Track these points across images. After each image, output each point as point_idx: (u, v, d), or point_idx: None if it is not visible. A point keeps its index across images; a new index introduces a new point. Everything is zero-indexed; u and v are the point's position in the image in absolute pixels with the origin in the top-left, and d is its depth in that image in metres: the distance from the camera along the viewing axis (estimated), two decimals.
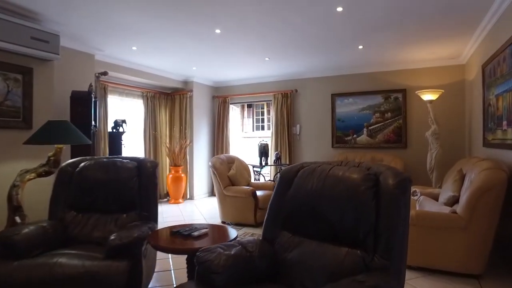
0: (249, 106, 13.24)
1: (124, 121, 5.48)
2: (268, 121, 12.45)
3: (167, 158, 7.04)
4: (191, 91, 7.22)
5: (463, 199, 3.17)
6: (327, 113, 6.83)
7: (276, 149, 7.07)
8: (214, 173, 5.18)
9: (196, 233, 2.53)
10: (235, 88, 7.75)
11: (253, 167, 6.31)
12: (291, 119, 7.03)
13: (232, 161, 5.52)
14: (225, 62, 6.07)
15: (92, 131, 4.51)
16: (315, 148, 6.94)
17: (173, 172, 6.88)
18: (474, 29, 4.43)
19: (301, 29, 4.41)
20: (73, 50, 4.84)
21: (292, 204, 2.27)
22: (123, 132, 5.38)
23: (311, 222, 2.15)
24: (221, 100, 7.75)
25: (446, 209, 3.40)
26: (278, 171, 6.76)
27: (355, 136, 6.63)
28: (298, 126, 7.06)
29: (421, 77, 6.07)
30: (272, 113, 7.24)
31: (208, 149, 7.74)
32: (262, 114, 12.96)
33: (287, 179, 2.41)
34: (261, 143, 6.31)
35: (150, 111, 6.93)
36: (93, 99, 4.65)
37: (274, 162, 6.60)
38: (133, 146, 6.76)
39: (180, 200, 6.94)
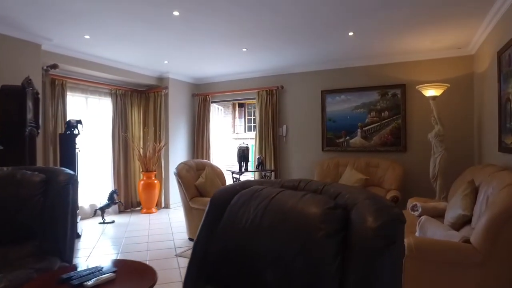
0: (241, 106, 12.43)
1: (79, 122, 4.68)
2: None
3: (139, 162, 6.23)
4: (166, 88, 6.41)
5: (479, 224, 2.31)
6: (316, 112, 5.99)
7: (260, 153, 6.24)
8: (178, 182, 4.36)
9: (90, 283, 1.70)
10: (217, 85, 6.93)
11: (232, 173, 5.49)
12: (276, 119, 6.20)
13: (202, 167, 4.70)
14: (198, 55, 5.25)
15: (28, 132, 3.71)
16: (303, 151, 6.09)
17: (145, 178, 6.07)
18: (486, 11, 3.57)
19: (280, 11, 3.58)
20: (12, 38, 4.04)
21: (221, 247, 1.44)
22: (77, 134, 4.58)
23: (243, 281, 1.32)
24: (201, 98, 6.92)
25: (455, 235, 2.55)
26: (262, 177, 5.94)
27: (348, 138, 5.78)
28: (284, 127, 6.23)
29: (423, 70, 5.21)
30: (256, 112, 6.41)
31: (187, 152, 6.92)
32: (255, 114, 12.15)
33: (219, 206, 1.60)
34: (240, 146, 5.49)
35: (120, 111, 6.12)
36: (32, 95, 3.86)
37: (256, 168, 5.77)
38: (99, 150, 5.96)
39: (154, 209, 6.13)
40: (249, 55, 5.29)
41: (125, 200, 6.19)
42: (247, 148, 5.44)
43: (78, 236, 4.54)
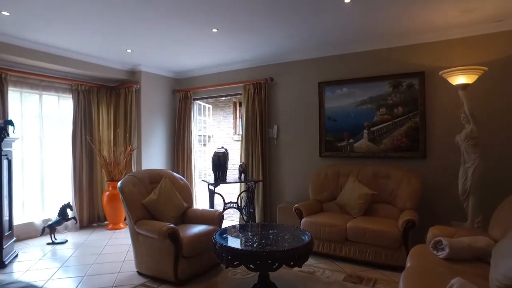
0: (242, 105, 11.26)
1: (8, 123, 3.71)
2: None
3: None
4: (137, 82, 5.36)
5: None
6: (313, 109, 4.77)
7: (247, 158, 5.08)
8: (122, 200, 3.28)
9: None
10: (199, 80, 5.82)
11: (208, 185, 4.37)
12: (266, 117, 5.02)
13: (157, 179, 3.58)
14: (164, 40, 4.16)
15: None
16: (297, 157, 4.89)
17: (110, 188, 5.04)
18: None
19: None
20: None
21: None
22: (3, 137, 3.60)
23: None
24: (182, 95, 5.84)
25: None
26: (245, 189, 4.77)
27: (351, 140, 4.53)
28: (275, 127, 5.04)
29: (449, 52, 3.90)
30: (243, 110, 5.25)
31: (165, 158, 5.85)
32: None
33: None
34: (215, 152, 4.36)
35: (82, 110, 5.13)
36: None
37: (239, 177, 4.62)
38: (57, 156, 4.99)
39: (122, 225, 5.09)
40: (223, 38, 4.14)
41: (89, 214, 5.19)
42: (224, 154, 4.30)
43: (4, 266, 3.53)
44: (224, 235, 3.00)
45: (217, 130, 10.78)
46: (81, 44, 4.35)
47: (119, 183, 3.31)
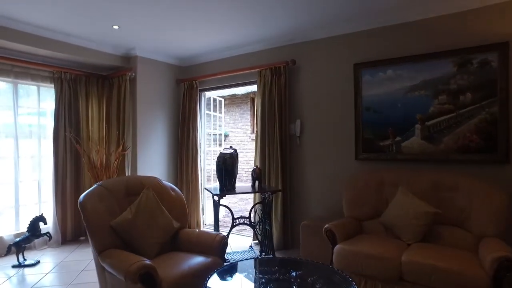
0: (256, 95, 10.08)
1: None
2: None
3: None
4: (132, 70, 4.42)
5: None
6: (346, 98, 3.68)
7: (262, 161, 4.04)
8: (83, 220, 2.31)
9: None
10: (206, 66, 4.83)
11: (213, 195, 3.35)
12: (286, 110, 3.96)
13: (137, 190, 2.59)
14: (157, 14, 3.19)
15: None
16: (327, 160, 3.80)
17: None
18: None
19: None
20: None
21: None
22: None
23: None
24: (186, 85, 4.86)
25: None
26: (260, 200, 3.73)
27: (398, 139, 3.40)
28: (298, 122, 3.98)
29: None
30: (257, 101, 4.22)
31: (168, 160, 4.89)
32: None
33: None
34: (220, 154, 3.33)
35: (67, 102, 4.24)
36: None
37: (252, 185, 3.58)
38: (36, 158, 4.13)
39: None
40: (236, 12, 3.12)
41: (74, 226, 4.30)
42: (232, 156, 3.27)
43: None
44: (224, 279, 1.98)
45: (233, 128, 9.79)
46: (61, 20, 3.45)
47: (81, 196, 2.35)
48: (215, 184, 5.60)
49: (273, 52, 4.15)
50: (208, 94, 5.12)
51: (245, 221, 3.49)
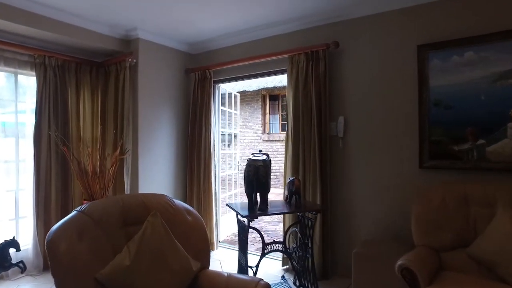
0: (274, 98, 9.31)
1: None
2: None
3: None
4: (131, 54, 3.56)
5: None
6: (407, 89, 2.84)
7: (295, 170, 3.20)
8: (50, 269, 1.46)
9: None
10: (222, 53, 3.97)
11: (238, 215, 2.49)
12: (326, 105, 3.11)
13: (139, 217, 1.72)
14: None
15: None
16: (380, 167, 2.96)
17: None
18: None
19: None
20: None
21: None
22: None
23: None
24: (198, 75, 4.01)
25: None
26: (296, 220, 2.88)
27: (481, 141, 2.56)
28: (341, 120, 3.13)
29: None
30: (288, 95, 3.37)
31: (175, 165, 4.03)
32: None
33: None
34: (250, 161, 2.47)
35: (52, 93, 3.39)
36: None
37: (287, 200, 2.74)
38: (9, 160, 3.27)
39: None
40: None
41: None
42: (265, 164, 2.42)
43: None
44: None
45: (242, 128, 8.95)
46: None
47: (50, 231, 1.50)
48: (229, 191, 4.76)
49: (309, 33, 3.30)
50: (224, 86, 4.27)
51: (280, 248, 2.64)
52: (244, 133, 8.88)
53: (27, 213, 3.33)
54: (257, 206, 2.50)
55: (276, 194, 7.81)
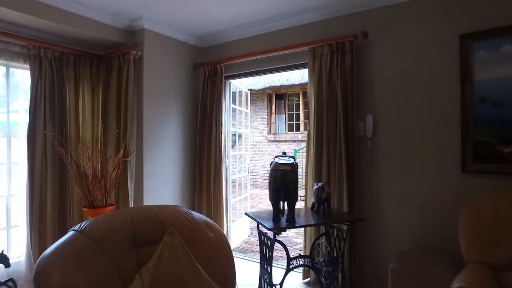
0: (280, 97, 8.96)
1: None
2: (307, 117, 8.14)
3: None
4: (136, 46, 3.22)
5: None
6: (447, 84, 2.52)
7: (317, 172, 2.87)
8: None
9: None
10: (234, 46, 3.63)
11: (259, 225, 2.15)
12: (352, 103, 2.78)
13: (151, 235, 1.38)
14: None
15: None
16: (415, 171, 2.63)
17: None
18: None
19: None
20: None
21: None
22: None
23: None
24: (208, 70, 3.67)
25: None
26: (323, 231, 2.54)
27: None
28: (369, 118, 2.80)
29: None
30: (310, 90, 3.03)
31: (184, 167, 3.70)
32: (298, 108, 8.63)
33: None
34: (276, 165, 2.13)
35: (49, 88, 3.04)
36: None
37: (314, 209, 2.41)
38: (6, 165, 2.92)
39: None
40: None
41: None
42: (293, 168, 2.09)
43: None
44: None
45: (246, 128, 8.63)
46: None
47: (39, 260, 1.17)
48: (239, 196, 4.41)
49: (333, 24, 2.98)
50: (234, 83, 3.93)
51: (307, 263, 2.31)
52: (249, 133, 8.58)
53: (20, 221, 2.97)
54: (282, 217, 2.17)
55: None
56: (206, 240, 1.57)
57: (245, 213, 2.47)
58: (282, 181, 2.04)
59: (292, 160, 2.14)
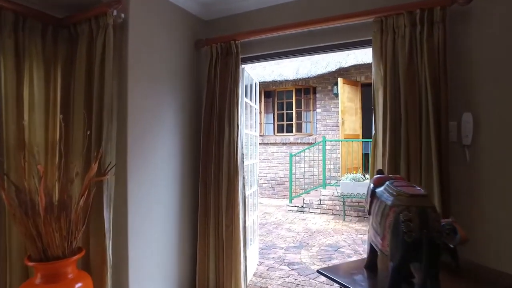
0: (268, 95, 8.00)
1: None
2: (299, 117, 7.22)
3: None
4: (118, 2, 2.08)
5: None
6: None
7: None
8: None
9: None
10: (254, 17, 2.62)
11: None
12: (444, 96, 1.92)
13: None
14: None
15: None
16: None
17: (39, 279, 1.75)
18: None
19: None
20: None
21: None
22: None
23: None
24: (217, 48, 2.61)
25: None
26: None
27: None
28: (467, 118, 1.96)
29: None
30: (377, 79, 2.12)
31: (182, 186, 2.61)
32: (289, 107, 7.65)
33: None
34: (399, 199, 1.21)
35: None
36: None
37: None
38: None
39: None
40: None
41: None
42: (433, 206, 1.17)
43: None
44: None
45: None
46: None
47: None
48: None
49: None
50: (248, 69, 2.91)
51: None
52: (258, 135, 7.59)
53: None
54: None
55: (276, 206, 6.53)
56: None
57: (318, 271, 1.48)
58: (422, 227, 1.10)
59: (422, 190, 1.20)
